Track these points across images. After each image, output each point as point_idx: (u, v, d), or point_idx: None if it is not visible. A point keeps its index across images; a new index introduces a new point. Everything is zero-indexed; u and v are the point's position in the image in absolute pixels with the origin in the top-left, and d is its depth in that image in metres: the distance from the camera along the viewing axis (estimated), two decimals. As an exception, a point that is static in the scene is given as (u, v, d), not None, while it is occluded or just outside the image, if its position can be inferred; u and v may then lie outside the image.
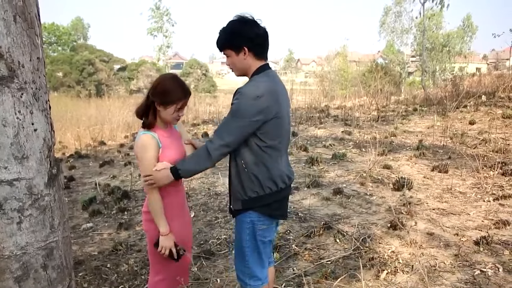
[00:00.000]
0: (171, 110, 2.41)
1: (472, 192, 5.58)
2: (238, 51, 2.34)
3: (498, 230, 4.33)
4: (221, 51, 2.40)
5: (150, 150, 2.38)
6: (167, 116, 2.44)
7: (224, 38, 2.37)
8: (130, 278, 3.77)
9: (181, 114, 2.48)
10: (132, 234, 4.84)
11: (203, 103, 19.93)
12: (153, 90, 2.41)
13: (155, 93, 2.40)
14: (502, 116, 10.23)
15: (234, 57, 2.37)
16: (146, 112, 2.44)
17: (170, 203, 2.51)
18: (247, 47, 2.33)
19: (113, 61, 50.96)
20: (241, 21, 2.35)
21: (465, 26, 42.20)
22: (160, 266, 2.59)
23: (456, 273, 3.55)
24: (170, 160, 2.44)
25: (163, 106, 2.40)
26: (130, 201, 6.00)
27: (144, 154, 2.39)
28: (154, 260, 2.60)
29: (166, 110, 2.41)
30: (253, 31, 2.34)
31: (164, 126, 2.53)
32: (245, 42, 2.33)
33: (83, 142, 12.03)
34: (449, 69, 34.60)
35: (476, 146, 8.04)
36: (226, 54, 2.39)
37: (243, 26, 2.34)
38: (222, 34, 2.37)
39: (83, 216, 5.66)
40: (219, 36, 2.39)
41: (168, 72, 24.55)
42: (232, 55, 2.37)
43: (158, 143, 2.41)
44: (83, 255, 4.29)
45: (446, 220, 4.72)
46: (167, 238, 2.43)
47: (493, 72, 23.46)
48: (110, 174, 8.00)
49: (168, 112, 2.42)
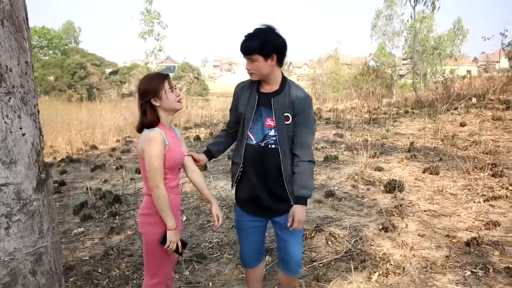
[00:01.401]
0: (167, 95, 2.43)
1: (463, 194, 5.62)
2: (267, 58, 2.46)
3: (488, 231, 4.36)
4: (246, 55, 2.48)
5: (158, 144, 2.37)
6: (171, 103, 2.46)
7: (256, 44, 2.44)
8: (121, 283, 3.75)
9: (178, 94, 2.51)
10: (124, 239, 4.81)
11: (195, 107, 19.87)
12: (140, 93, 2.44)
13: (143, 93, 2.43)
14: (492, 118, 10.32)
15: (261, 63, 2.47)
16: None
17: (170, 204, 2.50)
18: (276, 55, 2.48)
19: (105, 65, 50.78)
20: (272, 30, 2.50)
21: (456, 29, 42.51)
22: (157, 269, 2.58)
23: (447, 274, 3.56)
24: (173, 158, 2.45)
25: (157, 97, 2.41)
26: (121, 205, 5.98)
27: (152, 149, 2.36)
28: (151, 263, 2.59)
29: (163, 99, 2.43)
30: (282, 41, 2.51)
31: (169, 126, 2.55)
32: (275, 50, 2.47)
33: (75, 146, 11.96)
34: (440, 71, 34.87)
35: (466, 148, 8.10)
36: (253, 58, 2.47)
37: (275, 35, 2.49)
38: (253, 40, 2.45)
39: (74, 220, 5.62)
40: (249, 41, 2.47)
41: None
42: (259, 60, 2.47)
43: (164, 139, 2.40)
44: (74, 260, 4.26)
45: (437, 221, 4.74)
46: (174, 232, 2.43)
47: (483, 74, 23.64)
48: (101, 178, 7.96)
49: (168, 98, 2.44)
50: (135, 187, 6.76)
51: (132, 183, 7.10)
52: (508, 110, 10.91)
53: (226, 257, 4.10)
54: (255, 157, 2.60)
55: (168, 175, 2.48)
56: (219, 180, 6.83)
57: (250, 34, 2.47)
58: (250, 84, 2.66)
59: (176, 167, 2.55)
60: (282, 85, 2.60)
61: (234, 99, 2.74)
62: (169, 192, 2.47)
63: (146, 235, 2.53)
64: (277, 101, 2.56)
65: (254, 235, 2.78)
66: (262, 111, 2.58)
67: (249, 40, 2.46)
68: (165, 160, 2.41)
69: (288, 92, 2.58)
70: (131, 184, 7.03)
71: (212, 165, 8.15)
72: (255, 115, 2.58)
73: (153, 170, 2.37)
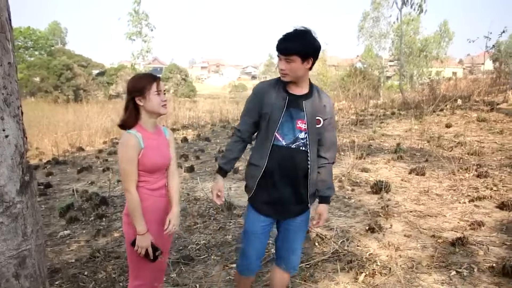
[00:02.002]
0: (151, 97, 2.41)
1: (448, 194, 5.68)
2: (304, 60, 2.44)
3: (473, 231, 4.41)
4: (284, 55, 2.44)
5: (130, 148, 2.37)
6: (154, 106, 2.44)
7: (297, 45, 2.41)
8: (108, 285, 3.72)
9: (164, 99, 2.48)
10: (111, 241, 4.78)
11: (182, 108, 19.83)
12: (127, 90, 2.45)
13: (130, 91, 2.44)
14: (477, 119, 10.44)
15: (298, 64, 2.44)
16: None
17: (147, 208, 2.48)
18: (313, 58, 2.47)
19: (92, 66, 50.45)
20: (312, 34, 2.47)
21: (442, 31, 42.95)
22: (138, 271, 2.57)
23: (433, 274, 3.59)
24: (151, 162, 2.43)
25: (142, 97, 2.41)
26: (108, 208, 5.94)
27: (122, 153, 2.38)
28: (133, 265, 2.58)
29: (148, 100, 2.41)
30: (319, 45, 2.49)
31: (152, 128, 2.52)
32: (313, 54, 2.46)
33: (61, 148, 11.88)
34: (426, 73, 35.15)
35: (452, 148, 8.19)
36: (291, 59, 2.43)
37: (315, 39, 2.47)
38: (294, 41, 2.43)
39: (60, 223, 5.57)
40: (290, 41, 2.43)
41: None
42: (297, 62, 2.43)
43: (140, 143, 2.39)
44: (59, 263, 4.22)
45: (423, 222, 4.78)
46: (143, 237, 2.42)
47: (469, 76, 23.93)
48: (88, 180, 7.90)
49: (151, 100, 2.42)
50: (122, 189, 6.71)
51: (119, 185, 7.05)
52: (492, 112, 11.05)
53: (213, 258, 4.09)
54: (284, 159, 2.55)
55: (147, 177, 2.47)
56: (206, 182, 6.83)
57: (291, 35, 2.44)
58: (274, 85, 2.60)
59: (158, 169, 2.53)
60: (311, 89, 2.60)
61: (255, 100, 2.63)
62: (149, 195, 2.47)
63: (127, 235, 2.54)
64: (309, 104, 2.56)
65: (265, 238, 2.76)
66: (292, 112, 2.54)
67: (290, 41, 2.43)
68: (140, 164, 2.41)
69: (318, 96, 2.61)
70: (118, 186, 6.99)
71: (199, 166, 8.15)
72: (284, 116, 2.53)
73: (123, 174, 2.39)
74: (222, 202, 2.74)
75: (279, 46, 2.44)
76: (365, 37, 39.53)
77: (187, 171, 7.71)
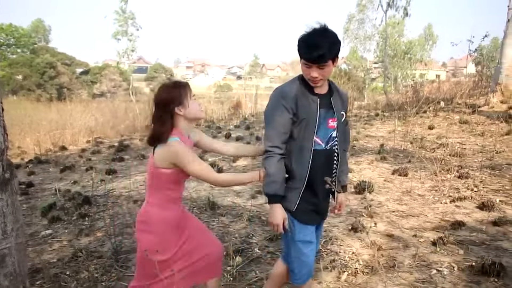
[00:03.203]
0: (190, 103, 2.42)
1: (430, 195, 5.75)
2: (334, 61, 2.34)
3: (454, 231, 4.48)
4: (321, 62, 2.28)
5: (187, 149, 2.37)
6: (195, 112, 2.45)
7: (327, 50, 2.26)
8: (90, 285, 3.69)
9: (199, 103, 2.49)
10: (93, 240, 4.74)
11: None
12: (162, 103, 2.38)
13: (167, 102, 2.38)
14: (459, 121, 10.60)
15: (330, 67, 2.33)
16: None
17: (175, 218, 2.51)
18: (338, 56, 2.37)
19: (76, 65, 49.96)
20: (333, 31, 2.34)
21: (427, 34, 43.49)
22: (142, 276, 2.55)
23: (414, 273, 3.64)
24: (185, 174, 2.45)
25: (182, 106, 2.39)
26: (91, 207, 5.88)
27: (187, 158, 2.35)
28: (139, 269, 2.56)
29: (187, 107, 2.41)
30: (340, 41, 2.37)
31: (185, 133, 2.51)
32: (339, 51, 2.36)
33: (43, 147, 11.74)
34: (410, 75, 35.58)
35: (434, 150, 8.29)
36: (325, 65, 2.30)
37: (335, 33, 2.33)
38: (323, 46, 2.25)
39: (42, 223, 5.50)
40: (320, 48, 2.25)
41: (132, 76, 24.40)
42: (330, 65, 2.32)
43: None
44: (41, 263, 4.16)
45: (405, 222, 4.84)
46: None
47: (452, 79, 24.25)
48: (71, 179, 7.82)
49: (191, 107, 2.42)
50: (105, 188, 6.67)
51: (102, 184, 7.00)
52: (474, 114, 11.22)
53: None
54: (323, 162, 2.48)
55: (172, 186, 2.45)
56: (190, 182, 6.81)
57: (316, 39, 2.27)
58: (298, 88, 2.41)
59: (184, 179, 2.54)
60: (329, 84, 2.53)
61: (291, 108, 2.37)
62: (169, 203, 2.47)
63: (141, 242, 2.49)
64: (335, 101, 2.50)
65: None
66: (324, 112, 2.43)
67: (319, 47, 2.24)
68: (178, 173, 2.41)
69: (338, 90, 2.57)
70: (101, 186, 6.93)
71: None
72: (319, 119, 2.42)
73: (203, 172, 2.38)
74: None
75: (310, 56, 2.28)
76: (350, 39, 39.92)
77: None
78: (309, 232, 2.54)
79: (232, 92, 44.12)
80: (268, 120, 2.43)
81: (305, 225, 2.50)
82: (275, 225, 2.43)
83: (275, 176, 2.39)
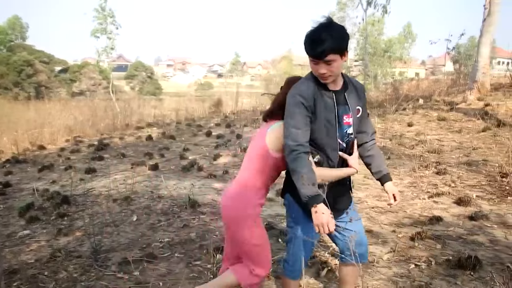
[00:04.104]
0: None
1: (409, 191, 5.83)
2: (342, 55, 2.26)
3: (432, 226, 4.56)
4: (323, 59, 2.22)
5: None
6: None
7: (333, 43, 2.19)
8: (69, 285, 3.65)
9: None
10: (72, 240, 4.68)
11: (147, 106, 19.60)
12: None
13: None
14: (438, 118, 10.76)
15: (338, 62, 2.26)
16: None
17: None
18: (347, 50, 2.31)
19: (54, 63, 49.21)
20: (339, 24, 2.30)
21: (406, 33, 43.99)
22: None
23: (393, 267, 3.69)
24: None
25: None
26: (70, 206, 5.80)
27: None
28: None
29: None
30: (347, 32, 2.32)
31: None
32: (347, 45, 2.30)
33: (21, 146, 11.52)
34: (390, 73, 35.99)
35: (413, 147, 8.41)
36: (330, 59, 2.22)
37: (342, 27, 2.29)
38: (327, 40, 2.18)
39: (19, 223, 5.41)
40: (323, 42, 2.19)
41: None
42: (337, 60, 2.24)
43: None
44: (18, 264, 4.10)
45: (384, 217, 4.90)
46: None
47: (430, 77, 24.59)
48: (49, 179, 7.70)
49: None
50: (84, 187, 6.60)
51: (81, 183, 6.92)
52: (452, 111, 11.40)
53: (177, 256, 4.07)
54: (342, 161, 2.47)
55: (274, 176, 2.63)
56: (170, 180, 6.78)
57: (319, 34, 2.21)
58: (313, 86, 2.36)
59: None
60: (343, 78, 2.45)
61: (309, 106, 2.32)
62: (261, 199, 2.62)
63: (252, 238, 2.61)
64: (350, 96, 2.44)
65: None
66: (340, 109, 2.39)
67: (322, 42, 2.19)
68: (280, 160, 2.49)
69: (352, 84, 2.49)
70: (80, 185, 6.85)
71: (163, 164, 8.09)
72: (338, 117, 2.39)
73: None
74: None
75: (313, 51, 2.23)
76: (331, 37, 40.02)
77: (151, 169, 7.63)
78: (313, 231, 2.43)
79: (213, 90, 44.05)
80: (289, 119, 2.34)
81: (310, 223, 2.35)
82: (324, 225, 2.21)
83: (307, 176, 2.24)
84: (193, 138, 11.32)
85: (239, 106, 17.42)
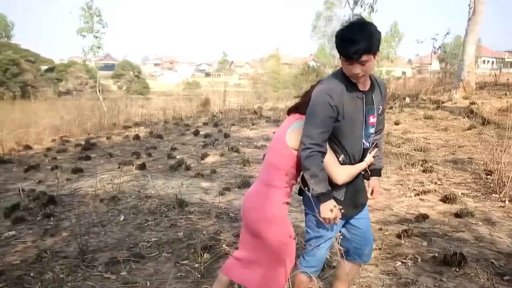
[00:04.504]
0: None
1: (396, 189, 5.88)
2: (375, 55, 2.24)
3: (418, 223, 4.60)
4: (358, 59, 2.18)
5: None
6: None
7: (368, 44, 2.17)
8: (55, 286, 3.62)
9: None
10: (59, 241, 4.64)
11: (135, 105, 19.48)
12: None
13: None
14: (424, 117, 10.87)
15: (372, 62, 2.23)
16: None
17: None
18: (379, 49, 2.28)
19: (40, 62, 48.61)
20: (371, 23, 2.26)
21: (393, 32, 44.27)
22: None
23: (380, 265, 3.72)
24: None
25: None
26: (56, 207, 5.75)
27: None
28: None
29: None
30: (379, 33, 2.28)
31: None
32: (379, 44, 2.27)
33: (6, 146, 11.37)
34: (377, 72, 36.15)
35: (400, 145, 8.48)
36: (365, 59, 2.19)
37: (376, 28, 2.24)
38: (362, 40, 2.16)
39: (5, 224, 5.35)
40: (358, 43, 2.16)
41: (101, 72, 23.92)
42: (371, 60, 2.22)
43: None
44: (3, 265, 4.06)
45: (371, 215, 4.92)
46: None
47: (417, 76, 24.78)
48: (35, 179, 7.62)
49: None
50: (71, 187, 6.55)
51: (68, 183, 6.86)
52: (438, 110, 11.53)
53: (164, 256, 4.06)
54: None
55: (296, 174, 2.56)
56: (158, 179, 6.76)
57: (356, 34, 2.18)
58: (343, 87, 2.31)
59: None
60: (370, 77, 2.42)
61: (335, 106, 2.28)
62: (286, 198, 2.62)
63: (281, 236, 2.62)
64: (376, 96, 2.43)
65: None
66: (367, 110, 2.39)
67: (359, 42, 2.15)
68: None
69: (377, 82, 2.48)
70: (67, 185, 6.79)
71: (150, 164, 8.06)
72: (365, 118, 2.38)
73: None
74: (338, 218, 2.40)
75: (349, 52, 2.18)
76: (318, 36, 40.25)
77: (138, 169, 7.59)
78: (336, 229, 2.53)
79: (201, 89, 43.88)
80: (310, 117, 2.33)
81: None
82: (330, 221, 2.37)
83: (321, 176, 2.32)
84: (180, 137, 11.28)
85: (226, 105, 17.39)
